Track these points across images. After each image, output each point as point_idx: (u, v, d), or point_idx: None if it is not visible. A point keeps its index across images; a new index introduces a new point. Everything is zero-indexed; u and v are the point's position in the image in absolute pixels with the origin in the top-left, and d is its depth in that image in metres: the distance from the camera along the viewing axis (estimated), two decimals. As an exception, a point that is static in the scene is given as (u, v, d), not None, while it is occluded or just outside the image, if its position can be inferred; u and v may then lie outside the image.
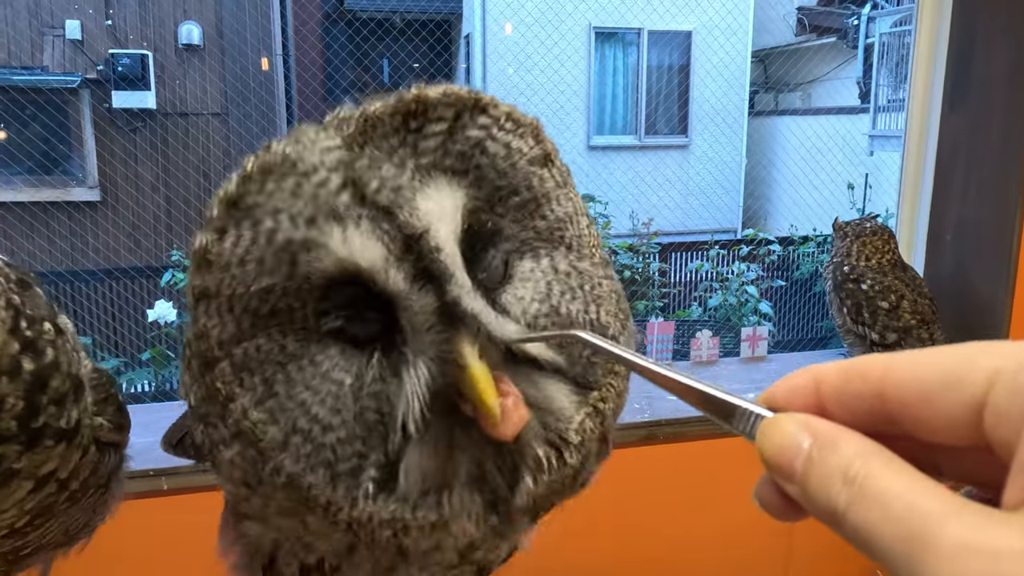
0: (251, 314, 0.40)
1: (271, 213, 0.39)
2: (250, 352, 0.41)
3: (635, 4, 7.94)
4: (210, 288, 0.40)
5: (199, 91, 5.72)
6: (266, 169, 0.39)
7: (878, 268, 1.81)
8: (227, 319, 0.41)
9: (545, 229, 0.46)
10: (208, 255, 0.40)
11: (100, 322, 4.58)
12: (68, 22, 5.45)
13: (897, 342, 1.77)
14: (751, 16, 8.23)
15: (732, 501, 1.62)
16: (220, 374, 0.41)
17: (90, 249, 5.56)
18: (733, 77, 8.23)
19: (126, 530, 0.89)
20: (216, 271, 0.40)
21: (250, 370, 0.41)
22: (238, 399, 0.41)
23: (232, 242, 0.39)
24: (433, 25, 8.35)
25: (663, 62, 8.47)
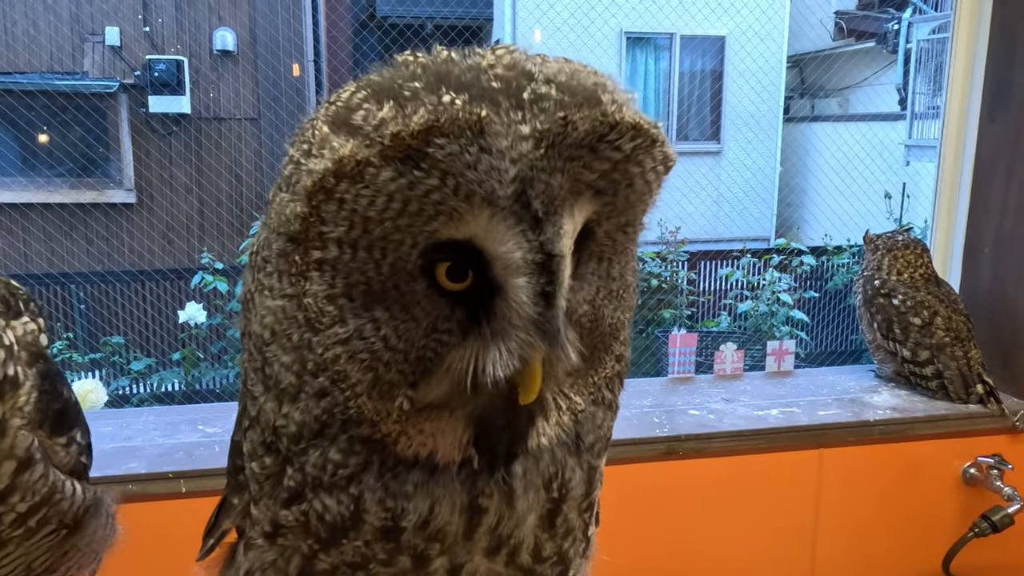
0: (364, 230, 0.42)
1: (439, 173, 0.40)
2: (345, 256, 0.43)
3: (667, 9, 7.85)
4: (342, 195, 0.41)
5: (232, 96, 5.81)
6: (457, 129, 0.39)
7: (910, 283, 1.74)
8: (340, 223, 0.42)
9: (621, 241, 0.49)
10: (361, 172, 0.40)
11: (134, 319, 4.67)
12: (108, 29, 5.58)
13: (930, 360, 1.70)
14: (787, 21, 8.09)
15: (752, 517, 1.58)
16: (302, 253, 0.42)
17: (126, 249, 5.68)
18: (768, 82, 8.09)
19: (145, 532, 0.89)
20: (358, 187, 0.40)
21: (335, 269, 0.43)
22: (312, 283, 0.43)
23: (389, 176, 0.40)
24: (464, 31, 8.39)
25: (695, 67, 8.38)
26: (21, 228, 5.53)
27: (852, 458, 1.60)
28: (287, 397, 0.46)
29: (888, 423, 1.61)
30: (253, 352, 0.47)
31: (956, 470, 1.65)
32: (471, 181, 0.40)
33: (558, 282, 0.41)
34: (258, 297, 0.45)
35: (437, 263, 0.43)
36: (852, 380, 1.83)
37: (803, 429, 1.57)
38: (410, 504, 0.46)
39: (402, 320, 0.44)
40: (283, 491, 0.48)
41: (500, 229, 0.41)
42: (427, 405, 0.45)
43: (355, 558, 0.49)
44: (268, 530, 0.51)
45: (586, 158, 0.42)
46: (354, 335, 0.44)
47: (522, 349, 0.43)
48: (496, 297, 0.43)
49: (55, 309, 4.85)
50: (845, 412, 1.63)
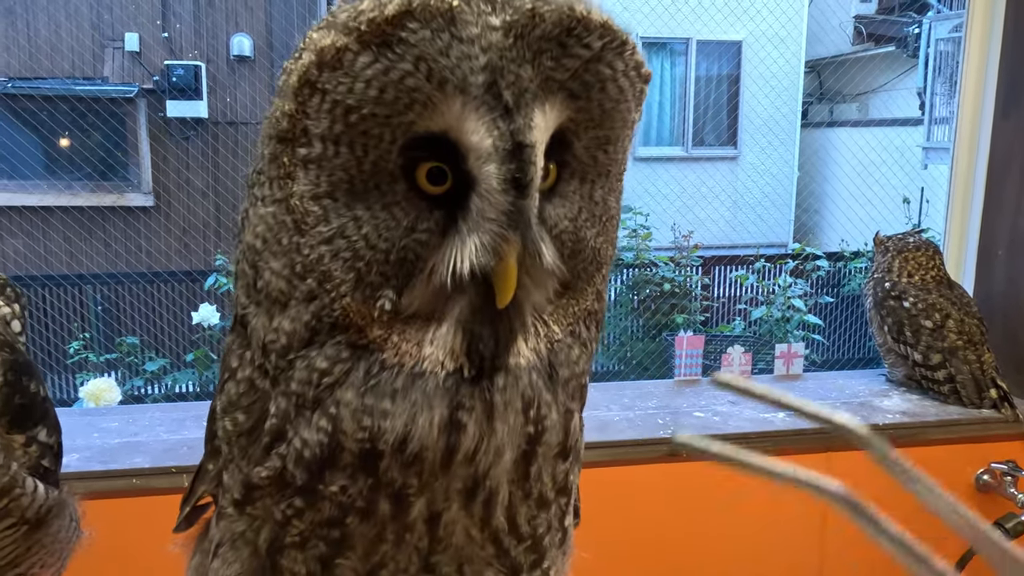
0: (346, 123, 0.43)
1: (413, 58, 0.41)
2: (328, 152, 0.44)
3: (683, 14, 7.83)
4: (324, 85, 0.42)
5: (249, 101, 5.87)
6: (429, 14, 0.41)
7: (921, 285, 1.71)
8: (323, 116, 0.43)
9: (603, 161, 0.50)
10: (340, 58, 0.42)
11: (149, 323, 4.72)
12: (128, 35, 5.67)
13: (942, 363, 1.66)
14: (805, 25, 8.03)
15: (758, 519, 1.55)
16: (290, 153, 0.44)
17: (143, 252, 5.75)
18: (785, 88, 8.03)
19: (148, 525, 0.89)
20: (337, 75, 0.42)
21: (320, 166, 0.44)
22: (298, 183, 0.44)
23: (366, 61, 0.42)
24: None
25: (712, 72, 8.34)
26: (41, 230, 5.62)
27: (861, 462, 1.56)
28: (278, 308, 0.46)
29: (899, 427, 1.58)
30: (246, 269, 0.48)
31: (969, 476, 1.61)
32: (443, 67, 0.41)
33: (529, 171, 0.42)
34: (252, 211, 0.47)
35: (418, 164, 0.44)
36: (862, 384, 1.79)
37: (811, 432, 1.54)
38: (387, 422, 0.46)
39: (383, 220, 0.45)
40: (262, 440, 0.48)
41: (472, 119, 0.42)
42: (413, 314, 0.46)
43: (331, 512, 0.48)
44: (238, 496, 0.50)
45: (555, 51, 0.43)
46: (337, 234, 0.45)
47: (495, 242, 0.43)
48: (471, 193, 0.44)
49: (72, 311, 4.92)
50: (854, 416, 1.59)
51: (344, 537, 0.48)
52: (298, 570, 0.50)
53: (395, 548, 0.49)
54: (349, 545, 0.49)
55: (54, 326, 4.74)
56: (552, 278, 0.48)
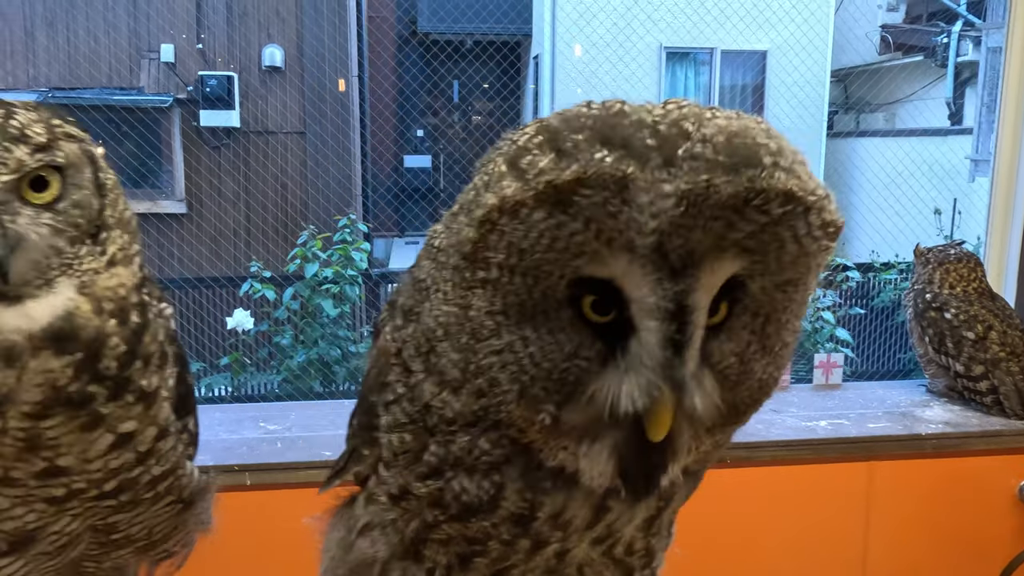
0: (519, 259, 0.46)
1: (583, 219, 0.43)
2: (503, 279, 0.47)
3: (708, 24, 7.84)
4: (503, 228, 0.45)
5: (280, 110, 5.97)
6: (602, 182, 0.42)
7: (963, 296, 1.71)
8: (501, 250, 0.46)
9: (780, 299, 0.48)
10: (518, 210, 0.44)
11: (183, 329, 4.81)
12: (163, 46, 5.80)
13: (984, 374, 1.67)
14: (830, 35, 8.00)
15: (800, 528, 1.56)
16: (471, 271, 0.47)
17: (175, 259, 5.86)
18: (810, 97, 8.00)
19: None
20: (515, 222, 0.45)
21: (495, 288, 0.47)
22: (476, 298, 0.48)
23: (541, 216, 0.44)
24: (503, 46, 8.48)
25: (736, 82, 8.33)
26: (78, 237, 5.75)
27: (903, 472, 1.57)
28: (449, 387, 0.50)
29: (941, 437, 1.58)
30: (420, 338, 0.51)
31: (1012, 487, 1.60)
32: (612, 229, 0.43)
33: (688, 332, 0.43)
34: (434, 294, 0.50)
35: (583, 295, 0.46)
36: (903, 394, 1.80)
37: (852, 441, 1.55)
38: (547, 498, 0.50)
39: (548, 342, 0.47)
40: (421, 466, 0.52)
41: (638, 274, 0.43)
42: (571, 428, 0.49)
43: (477, 534, 0.53)
44: (395, 493, 0.55)
45: (730, 218, 0.43)
46: (506, 348, 0.48)
47: (649, 388, 0.45)
48: (632, 335, 0.46)
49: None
50: (896, 425, 1.60)
51: (485, 551, 0.54)
52: (438, 560, 0.56)
53: (525, 561, 0.55)
54: (486, 552, 0.54)
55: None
56: (709, 416, 0.49)
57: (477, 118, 9.93)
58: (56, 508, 0.63)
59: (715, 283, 0.44)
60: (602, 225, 0.42)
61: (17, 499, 0.61)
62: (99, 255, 0.61)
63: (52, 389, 0.58)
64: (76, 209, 0.61)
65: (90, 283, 0.60)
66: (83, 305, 0.60)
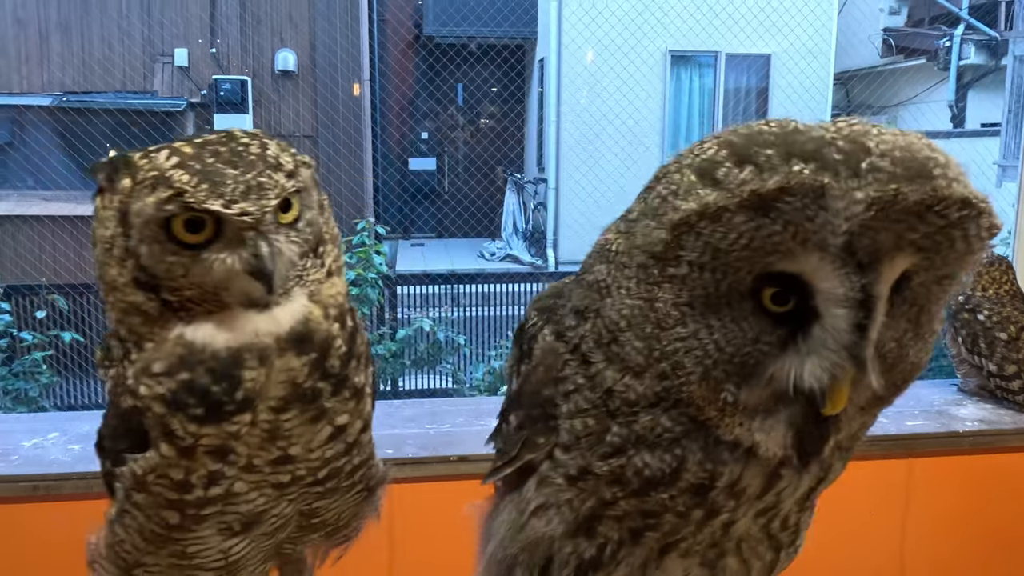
0: (712, 257, 0.52)
1: (783, 222, 0.49)
2: (693, 274, 0.53)
3: (713, 28, 7.91)
4: (701, 230, 0.51)
5: (292, 114, 6.02)
6: (803, 190, 0.48)
7: (995, 298, 1.77)
8: (695, 249, 0.52)
9: (936, 292, 0.54)
10: (720, 215, 0.50)
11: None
12: (177, 50, 5.84)
13: (1016, 374, 1.72)
14: (834, 39, 8.08)
15: (838, 524, 1.61)
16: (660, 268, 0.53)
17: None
18: (814, 100, 8.07)
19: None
20: (715, 225, 0.50)
21: (683, 283, 0.53)
22: (664, 292, 0.54)
23: (742, 220, 0.49)
24: (507, 50, 8.54)
25: (740, 85, 8.40)
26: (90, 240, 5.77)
27: (943, 469, 1.62)
28: (631, 372, 0.56)
29: (977, 435, 1.63)
30: (601, 331, 0.57)
31: (1046, 483, 1.66)
32: (808, 230, 0.49)
33: (872, 318, 0.50)
34: (615, 291, 0.57)
35: (764, 288, 0.52)
36: (935, 393, 1.85)
37: (892, 438, 1.60)
38: (726, 468, 0.56)
39: (731, 330, 0.54)
40: (604, 447, 0.58)
41: (827, 269, 0.49)
42: (748, 406, 0.55)
43: (654, 507, 0.58)
44: (573, 474, 0.60)
45: (912, 222, 0.48)
46: (691, 335, 0.54)
47: (833, 368, 0.51)
48: (814, 322, 0.52)
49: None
50: (933, 423, 1.65)
51: (658, 523, 0.60)
52: (610, 535, 0.62)
53: (695, 533, 0.60)
54: (659, 526, 0.60)
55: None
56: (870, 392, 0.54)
57: (482, 121, 9.98)
58: (279, 493, 0.69)
59: (893, 276, 0.50)
60: (799, 227, 0.48)
61: (253, 484, 0.68)
62: (320, 267, 0.68)
63: (292, 386, 0.65)
64: (308, 227, 0.67)
65: (316, 292, 0.67)
66: (315, 311, 0.66)
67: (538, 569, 0.64)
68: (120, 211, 0.63)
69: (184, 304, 0.64)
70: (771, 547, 0.64)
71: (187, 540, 0.69)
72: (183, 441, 0.64)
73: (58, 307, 4.42)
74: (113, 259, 0.64)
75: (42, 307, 4.40)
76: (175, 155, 0.62)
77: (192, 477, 0.65)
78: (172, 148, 0.63)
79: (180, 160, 0.62)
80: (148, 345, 0.65)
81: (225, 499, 0.67)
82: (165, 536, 0.69)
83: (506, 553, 0.65)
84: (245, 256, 0.62)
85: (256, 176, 0.62)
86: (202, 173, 0.61)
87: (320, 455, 0.69)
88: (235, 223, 0.61)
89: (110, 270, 0.65)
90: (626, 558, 0.62)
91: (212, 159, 0.62)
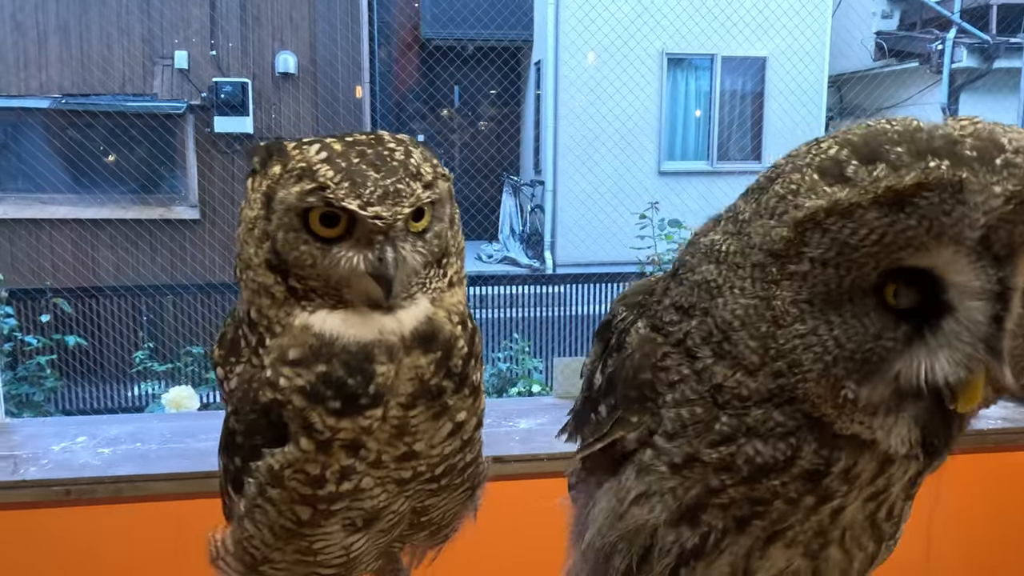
0: (838, 253, 0.52)
1: (918, 217, 0.49)
2: (815, 271, 0.53)
3: (709, 31, 7.97)
4: (828, 226, 0.51)
5: (293, 116, 6.01)
6: (941, 185, 0.49)
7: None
8: (820, 246, 0.52)
9: None
10: (852, 211, 0.51)
11: (208, 334, 4.83)
12: (177, 53, 5.82)
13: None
14: (828, 41, 8.16)
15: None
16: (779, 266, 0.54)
17: (187, 265, 5.87)
18: (809, 103, 8.15)
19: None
20: (845, 221, 0.51)
21: (804, 279, 0.54)
22: (782, 290, 0.54)
23: (875, 215, 0.50)
24: (504, 53, 8.57)
25: (736, 87, 8.46)
26: (90, 243, 5.75)
27: (967, 465, 1.65)
28: (744, 370, 0.56)
29: (1000, 432, 1.66)
30: (711, 329, 0.58)
31: (1067, 479, 1.69)
32: (944, 224, 0.49)
33: (1009, 308, 0.50)
34: (727, 291, 0.57)
35: (887, 284, 0.53)
36: (956, 392, 1.88)
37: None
38: (843, 454, 0.56)
39: (852, 326, 0.54)
40: (712, 435, 0.59)
41: (963, 263, 0.50)
42: (869, 403, 0.54)
43: (764, 494, 0.58)
44: (678, 462, 0.61)
45: None
46: (810, 332, 0.54)
47: (969, 361, 0.52)
48: (945, 316, 0.52)
49: (132, 320, 5.03)
50: (958, 421, 1.68)
51: (766, 511, 0.60)
52: (714, 523, 0.61)
53: (802, 521, 0.60)
54: (767, 514, 0.60)
55: (114, 333, 4.86)
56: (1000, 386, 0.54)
57: (480, 123, 9.99)
58: (399, 489, 0.71)
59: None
60: (935, 222, 0.49)
61: (378, 480, 0.69)
62: (441, 277, 0.70)
63: (419, 382, 0.67)
64: (436, 239, 0.68)
65: (439, 299, 0.69)
66: (439, 313, 0.68)
67: (637, 557, 0.64)
68: (266, 195, 0.65)
69: (307, 293, 0.66)
70: (873, 538, 0.65)
71: (315, 536, 0.70)
72: (321, 435, 0.65)
73: (61, 311, 4.39)
74: (252, 239, 0.67)
75: (45, 311, 4.37)
76: (324, 150, 0.64)
77: (327, 472, 0.67)
78: (323, 143, 0.65)
79: (328, 155, 0.63)
80: (277, 329, 0.67)
81: (353, 495, 0.69)
82: (294, 532, 0.70)
83: (604, 541, 0.66)
84: (370, 258, 0.63)
85: (395, 182, 0.63)
86: (346, 171, 0.62)
87: (440, 451, 0.71)
88: (367, 225, 0.63)
89: (248, 248, 0.67)
90: (730, 547, 0.62)
91: (357, 159, 0.63)
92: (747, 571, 0.63)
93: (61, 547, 1.64)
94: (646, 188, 7.35)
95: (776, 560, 0.63)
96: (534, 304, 5.75)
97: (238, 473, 0.72)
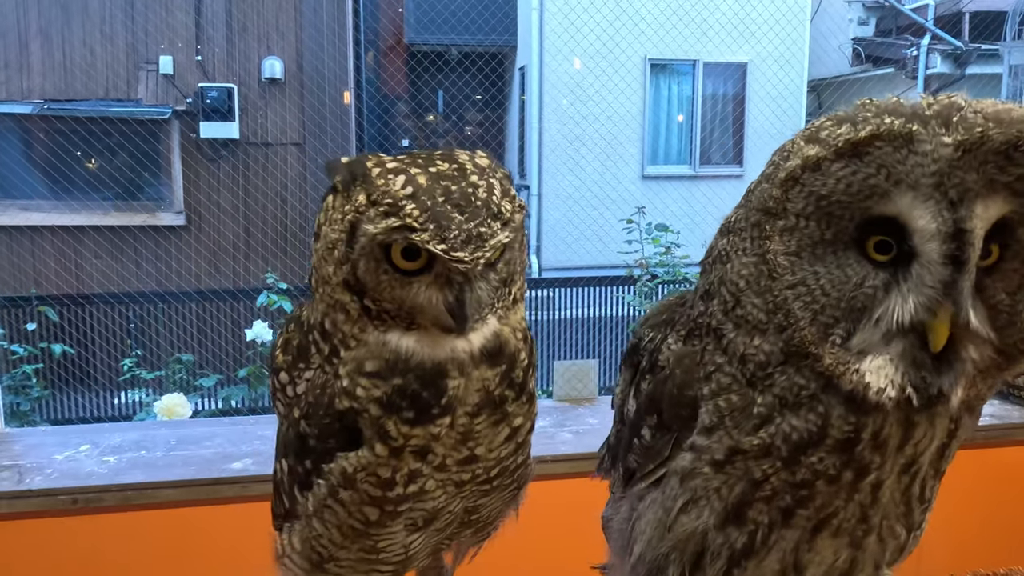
0: (816, 206, 0.58)
1: (876, 166, 0.55)
2: (800, 224, 0.59)
3: (690, 37, 8.07)
4: (804, 181, 0.58)
5: (279, 122, 5.99)
6: (892, 136, 0.55)
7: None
8: (800, 200, 0.59)
9: None
10: (820, 164, 0.57)
11: (199, 342, 4.80)
12: (162, 58, 5.78)
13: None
14: (807, 47, 8.30)
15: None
16: (771, 223, 0.60)
17: (173, 272, 5.82)
18: (789, 107, 8.27)
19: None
20: (816, 175, 0.57)
21: (791, 233, 0.60)
22: (774, 244, 0.60)
23: (840, 166, 0.57)
24: (488, 57, 8.60)
25: (718, 92, 8.57)
26: (74, 248, 5.69)
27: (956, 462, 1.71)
28: (756, 332, 0.61)
29: (989, 429, 1.73)
30: (726, 297, 0.63)
31: (1052, 474, 1.75)
32: (899, 172, 0.55)
33: (966, 250, 0.54)
34: (735, 256, 0.63)
35: (868, 238, 0.58)
36: (944, 391, 1.94)
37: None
38: (868, 418, 0.60)
39: (836, 276, 0.59)
40: (752, 419, 0.62)
41: (920, 208, 0.55)
42: (857, 347, 0.59)
43: (805, 476, 0.62)
44: (720, 458, 0.64)
45: (1000, 162, 0.53)
46: (799, 282, 0.60)
47: (931, 303, 0.56)
48: (913, 263, 0.57)
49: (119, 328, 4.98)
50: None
51: (809, 495, 0.63)
52: (760, 519, 0.65)
53: (844, 504, 0.64)
54: (810, 500, 0.63)
55: (100, 341, 4.82)
56: (984, 342, 0.58)
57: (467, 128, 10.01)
58: (457, 491, 0.74)
59: (989, 217, 0.54)
60: (891, 169, 0.54)
61: (440, 482, 0.73)
62: (507, 296, 0.73)
63: (485, 393, 0.71)
64: (506, 267, 0.71)
65: (504, 316, 0.73)
66: (505, 330, 0.72)
67: (690, 564, 0.67)
68: (351, 223, 0.66)
69: (380, 314, 0.69)
70: (905, 525, 0.68)
71: (380, 535, 0.74)
72: (395, 442, 0.69)
73: (47, 319, 4.35)
74: (332, 260, 0.68)
75: (31, 319, 4.32)
76: (410, 184, 0.65)
77: (396, 475, 0.70)
78: (408, 175, 0.66)
79: (414, 191, 0.65)
80: (351, 343, 0.69)
81: (417, 496, 0.72)
82: (362, 531, 0.73)
83: (656, 553, 0.68)
84: (449, 299, 0.66)
85: (478, 225, 0.65)
86: (432, 213, 0.64)
87: (497, 454, 0.74)
88: (449, 267, 0.65)
89: (327, 267, 0.69)
90: (777, 543, 0.65)
91: (443, 198, 0.65)
92: (797, 566, 0.66)
93: (68, 556, 1.64)
94: (630, 192, 7.43)
95: (824, 552, 0.66)
96: (522, 308, 5.77)
97: (307, 475, 0.74)
